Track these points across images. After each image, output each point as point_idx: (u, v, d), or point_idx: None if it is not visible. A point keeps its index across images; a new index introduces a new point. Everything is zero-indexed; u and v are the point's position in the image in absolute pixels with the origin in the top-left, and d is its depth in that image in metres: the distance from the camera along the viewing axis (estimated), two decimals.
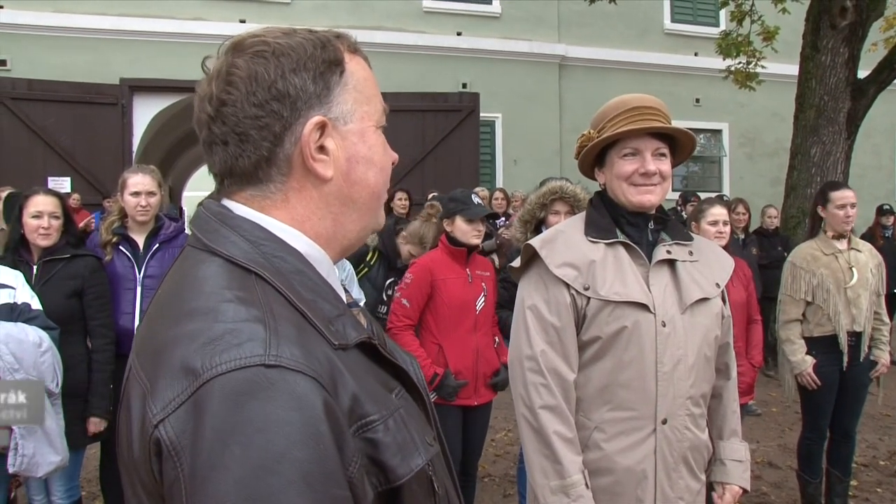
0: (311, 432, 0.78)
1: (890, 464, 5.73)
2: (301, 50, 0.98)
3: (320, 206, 1.02)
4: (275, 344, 0.82)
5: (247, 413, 0.77)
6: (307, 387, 0.81)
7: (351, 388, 0.88)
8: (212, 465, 0.75)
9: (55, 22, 12.19)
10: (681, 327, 2.10)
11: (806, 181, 9.06)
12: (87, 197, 10.80)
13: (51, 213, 3.70)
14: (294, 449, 0.76)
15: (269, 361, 0.80)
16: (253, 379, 0.79)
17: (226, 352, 0.80)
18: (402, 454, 0.91)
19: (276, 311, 0.87)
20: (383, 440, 0.89)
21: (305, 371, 0.82)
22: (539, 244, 2.18)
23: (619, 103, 2.14)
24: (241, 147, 0.97)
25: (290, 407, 0.78)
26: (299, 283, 0.94)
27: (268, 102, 0.96)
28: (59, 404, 3.31)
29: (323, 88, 0.99)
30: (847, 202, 4.32)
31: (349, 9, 13.57)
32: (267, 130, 0.96)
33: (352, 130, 1.02)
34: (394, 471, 0.90)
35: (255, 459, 0.75)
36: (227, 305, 0.86)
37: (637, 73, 15.23)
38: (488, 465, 5.54)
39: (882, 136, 17.17)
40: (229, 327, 0.83)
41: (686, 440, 2.12)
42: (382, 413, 0.91)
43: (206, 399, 0.78)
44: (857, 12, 8.90)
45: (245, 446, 0.75)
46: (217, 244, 0.95)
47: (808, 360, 4.35)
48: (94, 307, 3.77)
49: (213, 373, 0.79)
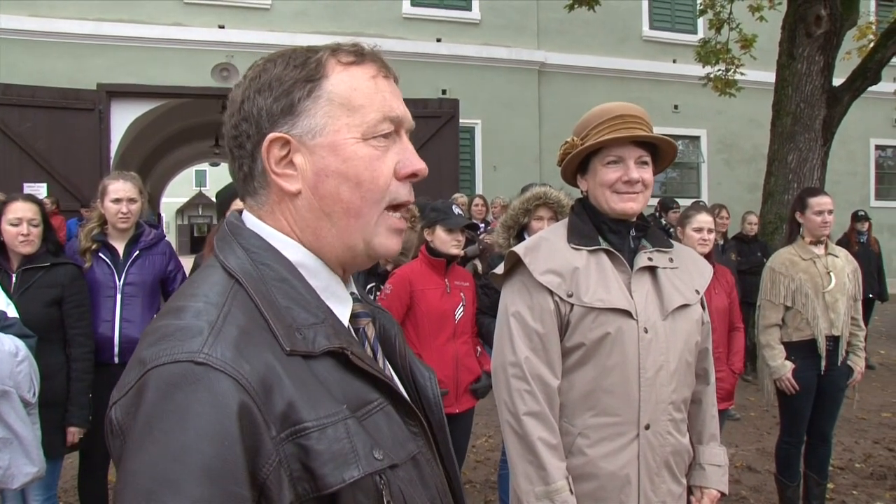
0: (220, 429, 0.83)
1: (865, 466, 5.79)
2: (270, 70, 1.04)
3: (298, 219, 1.05)
4: (210, 343, 0.87)
5: (171, 403, 0.83)
6: (226, 386, 0.85)
7: (288, 394, 0.90)
8: (137, 446, 0.82)
9: (32, 26, 12.09)
10: (662, 333, 2.11)
11: (783, 187, 9.16)
12: (63, 203, 10.69)
13: (29, 220, 3.65)
14: (202, 442, 0.81)
15: (199, 359, 0.86)
16: (182, 373, 0.85)
17: (171, 347, 0.87)
18: (335, 464, 0.91)
19: (232, 315, 0.92)
20: (315, 447, 0.90)
21: (228, 371, 0.86)
22: (523, 251, 2.19)
23: (603, 111, 2.15)
24: (233, 163, 1.08)
25: (206, 402, 0.83)
26: (278, 291, 0.98)
27: (239, 124, 1.05)
28: (36, 414, 3.26)
29: (286, 105, 1.02)
30: (825, 208, 4.37)
31: (329, 15, 13.58)
32: (243, 149, 1.05)
33: (320, 144, 1.02)
34: (323, 479, 0.90)
35: (170, 445, 0.81)
36: (192, 305, 0.93)
37: (616, 79, 15.36)
38: (469, 471, 5.54)
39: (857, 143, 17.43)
40: (182, 325, 0.90)
41: (668, 445, 2.13)
42: (321, 421, 0.91)
43: (145, 386, 0.85)
44: (831, 21, 9.02)
45: (165, 432, 0.81)
46: (222, 253, 1.03)
47: (787, 365, 4.39)
48: (73, 316, 3.73)
49: (154, 363, 0.86)
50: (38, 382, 3.25)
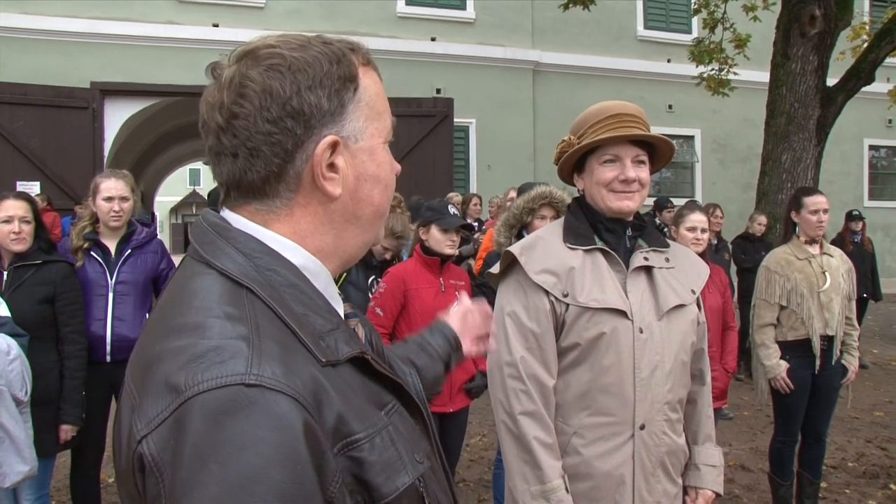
0: (289, 453, 0.77)
1: (858, 465, 5.80)
2: (318, 66, 0.96)
3: (324, 223, 1.01)
4: (256, 363, 0.81)
5: (226, 432, 0.76)
6: (287, 407, 0.80)
7: (336, 406, 0.87)
8: (190, 483, 0.75)
9: (24, 24, 12.05)
10: (658, 333, 2.11)
11: (777, 187, 9.17)
12: (57, 202, 10.65)
13: (21, 218, 3.63)
14: (271, 469, 0.75)
15: (250, 381, 0.79)
16: (233, 398, 0.78)
17: (208, 370, 0.80)
18: (388, 473, 0.91)
19: (263, 328, 0.86)
20: (368, 459, 0.89)
21: (285, 391, 0.81)
22: (518, 251, 2.18)
23: (600, 110, 2.15)
24: (251, 161, 0.95)
25: (268, 427, 0.77)
26: (291, 297, 0.93)
27: (282, 119, 0.94)
28: (28, 412, 3.25)
29: (337, 106, 0.97)
30: (820, 207, 4.37)
31: (323, 14, 13.56)
32: (279, 147, 0.94)
33: (362, 148, 1.01)
34: (378, 489, 0.90)
35: (232, 478, 0.74)
36: (213, 321, 0.85)
37: (610, 79, 15.37)
38: (463, 469, 5.53)
39: (850, 143, 17.48)
40: (214, 344, 0.82)
41: (663, 445, 2.13)
42: (369, 431, 0.90)
43: (187, 417, 0.77)
44: (825, 21, 9.04)
45: (223, 465, 0.74)
46: (212, 256, 0.95)
47: (782, 364, 4.39)
48: (65, 313, 3.72)
49: (195, 390, 0.78)
50: (31, 381, 3.24)
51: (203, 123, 1.00)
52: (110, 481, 5.28)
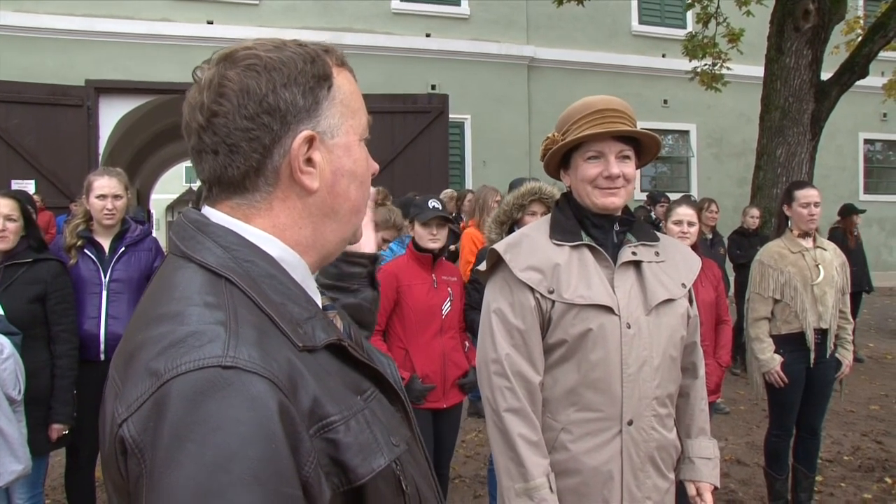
0: (264, 432, 0.80)
1: (853, 459, 5.82)
2: (292, 64, 1.00)
3: (302, 216, 1.04)
4: (233, 346, 0.84)
5: (203, 412, 0.79)
6: (262, 388, 0.82)
7: (312, 389, 0.90)
8: (169, 462, 0.77)
9: (19, 22, 12.01)
10: (646, 329, 2.10)
11: (772, 181, 9.19)
12: (52, 200, 10.62)
13: (7, 216, 3.61)
14: (247, 448, 0.78)
15: (227, 363, 0.82)
16: (210, 379, 0.81)
17: (187, 354, 0.83)
18: (364, 455, 0.93)
19: (241, 315, 0.89)
20: (344, 440, 0.92)
21: (261, 372, 0.83)
22: (503, 248, 2.18)
23: (584, 106, 2.14)
24: (231, 157, 0.99)
25: (244, 407, 0.80)
26: (269, 287, 0.96)
27: (258, 116, 0.98)
28: (22, 411, 3.25)
29: (312, 103, 1.01)
30: (811, 200, 4.38)
31: (318, 11, 13.54)
32: (257, 142, 0.98)
33: (338, 144, 1.05)
34: (354, 471, 0.92)
35: (209, 457, 0.76)
36: (193, 309, 0.89)
37: (605, 74, 15.37)
38: (459, 466, 5.54)
39: (845, 137, 17.50)
40: (192, 330, 0.85)
41: (653, 440, 2.12)
42: (344, 414, 0.93)
43: (166, 398, 0.80)
44: (819, 16, 9.05)
45: (200, 444, 0.77)
46: (192, 251, 0.98)
47: (776, 358, 4.40)
48: (57, 312, 3.71)
49: (173, 373, 0.81)
50: (24, 380, 3.24)
51: (185, 125, 1.04)
52: None
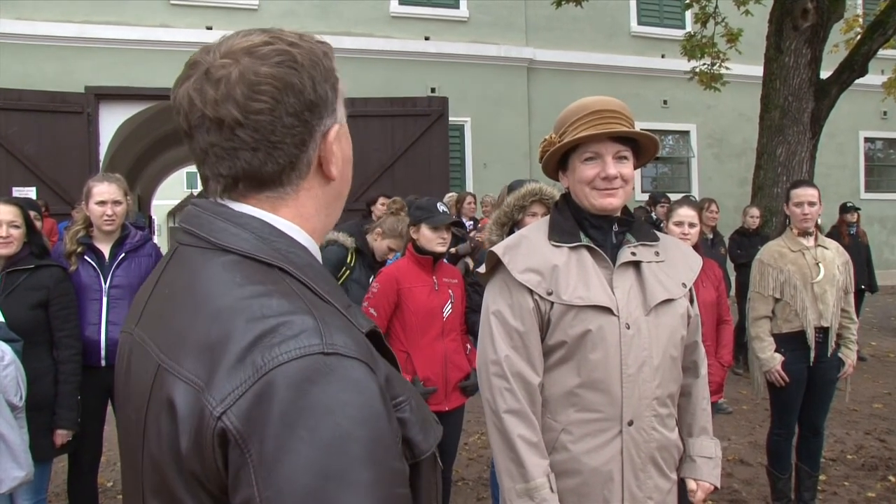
0: (371, 412, 0.85)
1: (857, 458, 5.81)
2: (320, 61, 1.03)
3: (322, 204, 1.08)
4: (328, 333, 0.88)
5: (311, 398, 0.82)
6: (362, 371, 0.88)
7: (384, 371, 0.95)
8: (282, 449, 0.80)
9: (17, 29, 12.02)
10: (645, 329, 2.10)
11: (772, 181, 9.18)
12: (53, 207, 10.62)
13: (10, 223, 3.63)
14: (358, 428, 0.83)
15: (327, 350, 0.86)
16: (313, 367, 0.84)
17: (284, 343, 0.85)
18: (424, 431, 0.99)
19: (314, 303, 0.93)
20: (410, 419, 0.97)
21: (359, 357, 0.88)
22: (502, 250, 2.19)
23: (580, 107, 2.14)
24: (271, 154, 0.99)
25: (350, 390, 0.85)
26: (314, 276, 0.99)
27: (302, 112, 1.00)
28: (24, 418, 3.25)
29: (335, 96, 1.06)
30: (804, 200, 4.38)
31: (317, 14, 13.55)
32: (298, 138, 1.01)
33: (342, 133, 1.09)
34: (419, 446, 0.98)
35: (323, 440, 0.81)
36: (267, 299, 0.90)
37: (605, 75, 15.37)
38: (462, 468, 5.54)
39: (845, 135, 17.49)
40: (281, 320, 0.88)
41: (653, 440, 2.12)
42: (407, 395, 0.99)
43: (270, 388, 0.83)
44: (818, 14, 9.06)
45: (312, 429, 0.81)
46: (228, 241, 0.98)
47: (776, 357, 4.40)
48: (59, 318, 3.72)
49: (274, 363, 0.84)
50: (25, 386, 3.24)
51: (197, 120, 1.01)
52: (109, 485, 5.29)
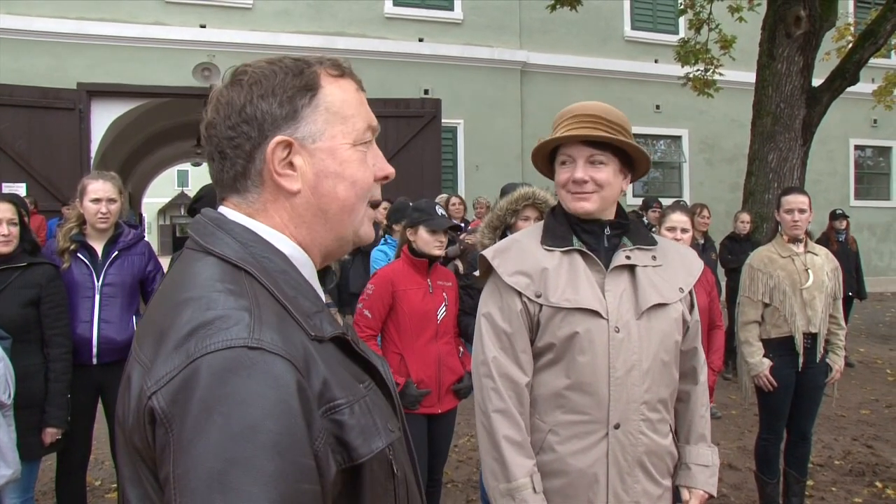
0: (284, 407, 0.89)
1: (844, 463, 5.84)
2: (273, 77, 1.11)
3: (294, 216, 1.13)
4: (257, 329, 0.94)
5: (229, 387, 0.88)
6: (283, 368, 0.92)
7: (322, 373, 0.99)
8: (197, 431, 0.86)
9: (10, 25, 11.97)
10: (636, 333, 2.11)
11: (763, 187, 9.22)
12: (43, 203, 10.59)
13: (9, 220, 3.62)
14: (268, 420, 0.87)
15: (252, 344, 0.92)
16: (237, 358, 0.90)
17: (215, 335, 0.92)
18: (365, 436, 1.02)
19: (262, 303, 0.99)
20: (348, 422, 1.00)
21: (282, 354, 0.93)
22: (492, 254, 2.21)
23: (567, 111, 2.17)
24: (222, 163, 1.12)
25: (267, 384, 0.90)
26: (283, 281, 1.06)
27: (238, 125, 1.09)
28: (11, 416, 3.24)
29: (290, 111, 1.11)
30: (794, 207, 4.41)
31: (311, 15, 13.53)
32: (240, 149, 1.10)
33: (320, 148, 1.13)
34: (356, 450, 1.01)
35: (233, 427, 0.86)
36: (218, 295, 0.98)
37: (598, 79, 15.41)
38: (451, 470, 5.54)
39: (836, 142, 17.59)
40: (220, 314, 0.95)
41: (641, 445, 2.12)
42: (349, 398, 1.02)
43: (195, 374, 0.89)
44: (810, 22, 9.10)
45: (226, 416, 0.86)
46: (212, 245, 1.07)
47: (764, 362, 4.43)
48: (51, 316, 3.70)
49: (203, 351, 0.90)
50: (14, 384, 3.23)
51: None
52: (97, 484, 5.27)
